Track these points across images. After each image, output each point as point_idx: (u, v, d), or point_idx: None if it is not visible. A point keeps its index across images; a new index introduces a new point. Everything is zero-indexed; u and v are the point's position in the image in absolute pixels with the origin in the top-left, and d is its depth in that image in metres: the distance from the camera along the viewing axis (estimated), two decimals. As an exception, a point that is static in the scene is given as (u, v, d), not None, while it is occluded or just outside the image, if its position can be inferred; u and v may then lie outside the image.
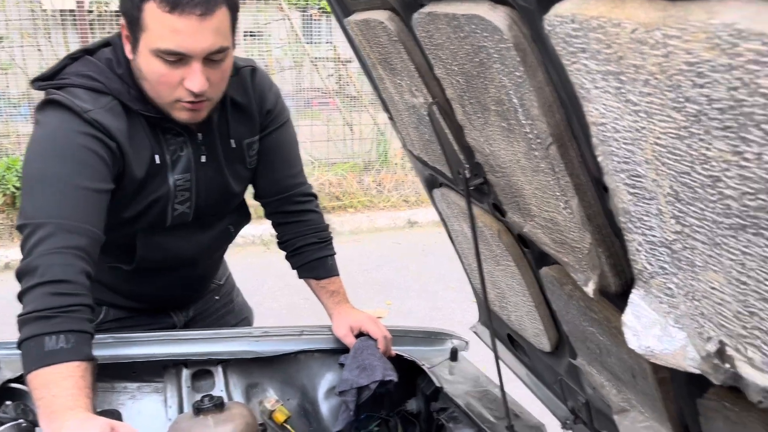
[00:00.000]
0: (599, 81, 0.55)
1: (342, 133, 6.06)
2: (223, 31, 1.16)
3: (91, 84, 1.20)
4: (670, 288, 0.62)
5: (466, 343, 1.58)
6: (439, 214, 1.42)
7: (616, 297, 0.83)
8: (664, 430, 0.89)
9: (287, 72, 6.04)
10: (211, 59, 1.16)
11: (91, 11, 4.98)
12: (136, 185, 1.25)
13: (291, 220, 1.51)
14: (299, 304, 3.92)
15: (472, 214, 1.09)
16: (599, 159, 0.62)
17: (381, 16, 1.03)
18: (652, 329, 0.65)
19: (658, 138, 0.52)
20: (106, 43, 1.28)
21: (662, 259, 0.61)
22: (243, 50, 6.01)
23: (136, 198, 1.27)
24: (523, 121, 0.76)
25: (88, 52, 1.27)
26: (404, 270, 4.64)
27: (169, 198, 1.31)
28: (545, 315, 1.16)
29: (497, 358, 1.22)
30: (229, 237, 1.52)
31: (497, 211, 1.09)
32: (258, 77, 1.40)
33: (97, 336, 1.27)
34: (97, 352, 1.21)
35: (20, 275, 1.08)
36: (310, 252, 1.50)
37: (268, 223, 1.58)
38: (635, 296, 0.67)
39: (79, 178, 1.14)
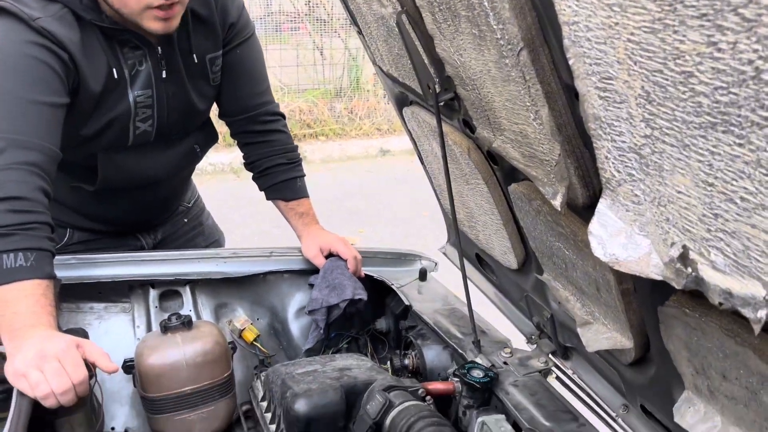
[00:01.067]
0: (573, -25, 0.53)
1: (312, 58, 5.90)
2: None
3: None
4: (636, 195, 0.61)
5: (435, 264, 1.59)
6: (409, 133, 1.40)
7: (583, 209, 0.83)
8: (626, 340, 0.91)
9: (255, -6, 5.81)
10: None
11: None
12: (93, 101, 1.19)
13: (257, 140, 1.47)
14: (271, 231, 3.92)
15: (442, 131, 1.07)
16: (570, 62, 0.60)
17: None
18: (617, 237, 0.65)
19: (632, 34, 0.50)
20: None
21: (630, 165, 0.60)
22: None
23: (94, 115, 1.22)
24: (494, 26, 0.73)
25: None
26: (376, 198, 4.64)
27: (129, 115, 1.25)
28: (513, 232, 1.16)
29: (465, 276, 1.23)
30: (195, 157, 1.47)
31: (467, 127, 1.07)
32: None
33: (61, 257, 1.25)
34: (62, 273, 1.20)
35: None
36: (277, 173, 1.47)
37: (239, 150, 1.54)
38: (602, 205, 0.67)
39: (30, 92, 1.08)
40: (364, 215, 4.38)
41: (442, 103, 1.05)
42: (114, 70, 1.20)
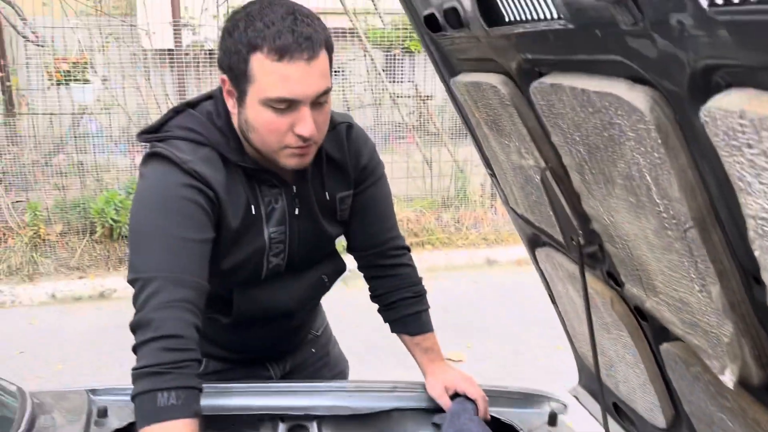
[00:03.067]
0: (766, 177, 0.51)
1: (421, 169, 6.07)
2: (326, 73, 1.18)
3: (192, 136, 1.24)
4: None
5: (565, 406, 1.51)
6: (541, 273, 1.38)
7: (758, 389, 0.76)
8: None
9: (368, 108, 6.13)
10: (317, 102, 1.17)
11: (187, 54, 5.24)
12: (232, 235, 1.27)
13: (384, 274, 1.51)
14: (378, 342, 3.91)
15: (585, 285, 1.05)
16: (756, 254, 0.58)
17: (493, 79, 1.01)
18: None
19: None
20: (208, 96, 1.32)
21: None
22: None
23: (232, 250, 1.29)
24: (657, 200, 0.72)
25: (190, 105, 1.31)
26: (483, 311, 4.55)
27: (264, 251, 1.32)
28: (661, 390, 1.09)
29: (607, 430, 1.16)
30: (323, 287, 1.52)
31: (611, 279, 1.04)
32: (354, 133, 1.41)
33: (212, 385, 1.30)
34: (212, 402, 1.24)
35: (134, 328, 1.11)
36: (402, 307, 1.48)
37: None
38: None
39: (182, 230, 1.16)
40: (471, 328, 4.29)
41: (585, 255, 1.03)
42: (252, 206, 1.29)
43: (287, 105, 1.14)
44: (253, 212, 1.29)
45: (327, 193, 1.38)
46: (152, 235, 1.16)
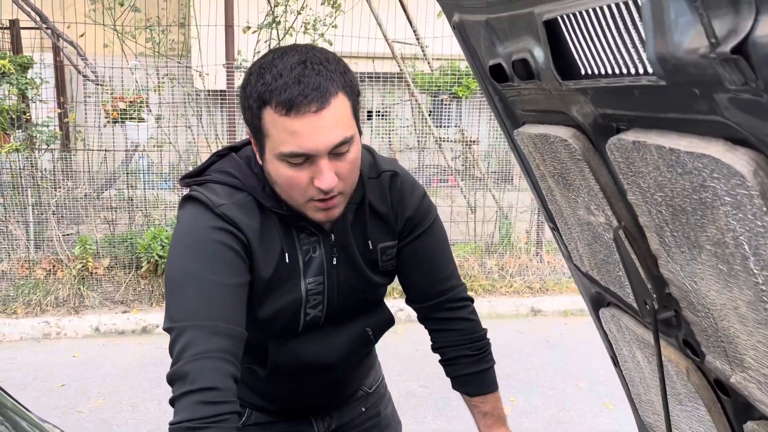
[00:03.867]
0: None
1: (464, 214, 6.01)
2: (343, 121, 1.10)
3: (229, 180, 1.21)
4: None
5: (626, 477, 1.41)
6: (604, 334, 1.31)
7: None
8: None
9: (412, 151, 6.15)
10: (336, 153, 1.10)
11: (239, 94, 5.35)
12: (264, 285, 1.22)
13: (442, 328, 1.43)
14: (417, 391, 3.81)
15: (660, 352, 0.97)
16: None
17: (563, 133, 0.97)
18: None
19: None
20: (250, 141, 1.30)
21: None
22: (367, 129, 6.20)
23: (266, 300, 1.24)
24: (756, 271, 0.66)
25: (234, 149, 1.29)
26: (528, 362, 4.40)
27: (300, 302, 1.27)
28: (741, 470, 1.00)
29: None
30: (368, 341, 1.44)
31: (688, 348, 0.97)
32: (398, 182, 1.34)
33: None
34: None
35: (171, 381, 1.08)
36: (461, 365, 1.41)
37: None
38: None
39: (216, 275, 1.13)
40: (514, 380, 4.15)
41: (659, 321, 0.96)
42: (287, 255, 1.24)
43: (303, 159, 1.09)
44: (287, 261, 1.23)
45: (370, 242, 1.33)
46: (185, 282, 1.13)
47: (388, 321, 1.47)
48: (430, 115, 5.88)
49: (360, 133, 1.18)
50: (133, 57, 5.35)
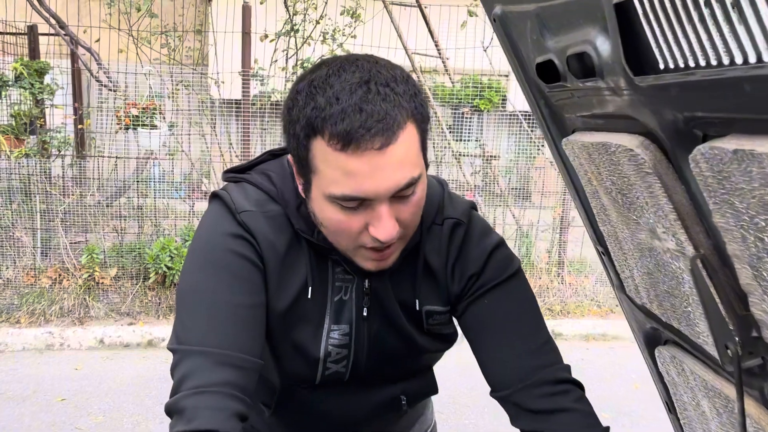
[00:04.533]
0: None
1: (483, 230, 5.83)
2: (411, 159, 0.88)
3: (266, 186, 1.03)
4: None
5: None
6: (659, 377, 1.14)
7: None
8: None
9: (430, 165, 6.00)
10: (399, 196, 0.90)
11: (254, 103, 5.25)
12: (276, 319, 1.03)
13: (541, 426, 1.02)
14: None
15: (743, 406, 0.80)
16: None
17: (629, 141, 0.82)
18: None
19: None
20: None
21: None
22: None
23: (276, 340, 1.06)
24: None
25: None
26: (547, 388, 4.20)
27: (320, 354, 1.07)
28: None
29: None
30: (399, 408, 1.18)
31: (777, 403, 0.80)
32: (462, 233, 1.08)
33: None
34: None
35: (168, 413, 0.92)
36: None
37: None
38: None
39: (233, 295, 0.96)
40: (532, 407, 3.95)
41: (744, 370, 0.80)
42: (310, 290, 1.03)
43: (358, 203, 0.89)
44: (309, 297, 1.02)
45: (417, 301, 1.08)
46: (196, 299, 0.96)
47: (429, 391, 1.23)
48: (449, 129, 5.74)
49: (427, 167, 0.96)
50: (148, 63, 5.26)
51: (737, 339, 0.80)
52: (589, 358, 4.71)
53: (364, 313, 1.05)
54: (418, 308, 1.07)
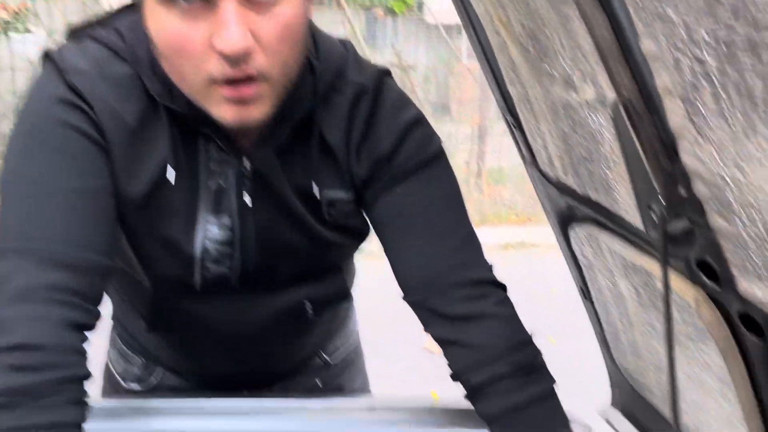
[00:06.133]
0: None
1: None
2: None
3: (113, 42, 0.80)
4: None
5: (590, 429, 1.18)
6: (572, 257, 1.04)
7: None
8: None
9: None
10: (252, 1, 0.68)
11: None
12: (131, 210, 0.82)
13: (455, 337, 0.86)
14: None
15: (667, 279, 0.70)
16: None
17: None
18: None
19: None
20: None
21: None
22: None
23: (137, 233, 0.85)
24: None
25: None
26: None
27: (194, 252, 0.87)
28: (758, 428, 0.76)
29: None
30: (304, 317, 0.99)
31: (703, 271, 0.70)
32: (370, 104, 0.86)
33: (141, 400, 0.96)
34: (138, 424, 0.91)
35: None
36: (498, 395, 0.83)
37: None
38: None
39: (60, 176, 0.75)
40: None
41: (669, 234, 0.69)
42: (169, 171, 0.81)
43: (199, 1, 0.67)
44: (172, 182, 0.81)
45: (314, 185, 0.87)
46: (16, 186, 0.75)
47: (341, 295, 1.04)
48: (362, 37, 5.45)
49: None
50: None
51: (661, 199, 0.68)
52: (508, 266, 4.76)
53: (248, 202, 0.84)
54: (318, 195, 0.87)
